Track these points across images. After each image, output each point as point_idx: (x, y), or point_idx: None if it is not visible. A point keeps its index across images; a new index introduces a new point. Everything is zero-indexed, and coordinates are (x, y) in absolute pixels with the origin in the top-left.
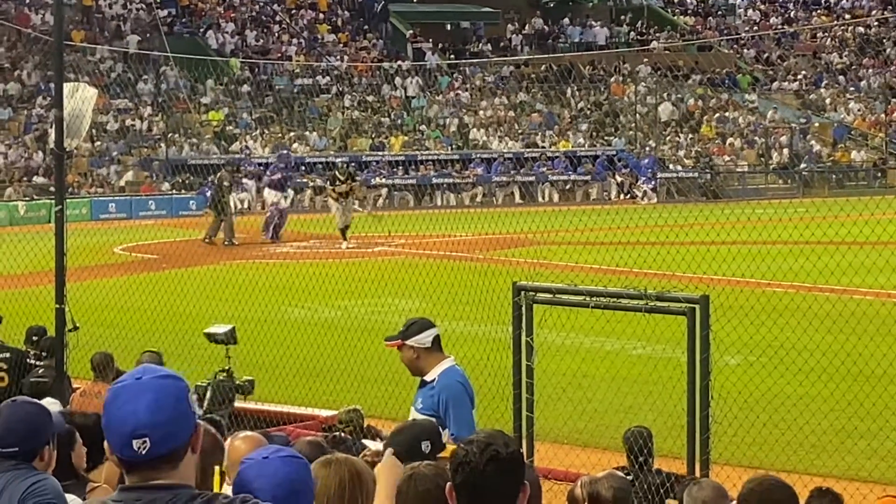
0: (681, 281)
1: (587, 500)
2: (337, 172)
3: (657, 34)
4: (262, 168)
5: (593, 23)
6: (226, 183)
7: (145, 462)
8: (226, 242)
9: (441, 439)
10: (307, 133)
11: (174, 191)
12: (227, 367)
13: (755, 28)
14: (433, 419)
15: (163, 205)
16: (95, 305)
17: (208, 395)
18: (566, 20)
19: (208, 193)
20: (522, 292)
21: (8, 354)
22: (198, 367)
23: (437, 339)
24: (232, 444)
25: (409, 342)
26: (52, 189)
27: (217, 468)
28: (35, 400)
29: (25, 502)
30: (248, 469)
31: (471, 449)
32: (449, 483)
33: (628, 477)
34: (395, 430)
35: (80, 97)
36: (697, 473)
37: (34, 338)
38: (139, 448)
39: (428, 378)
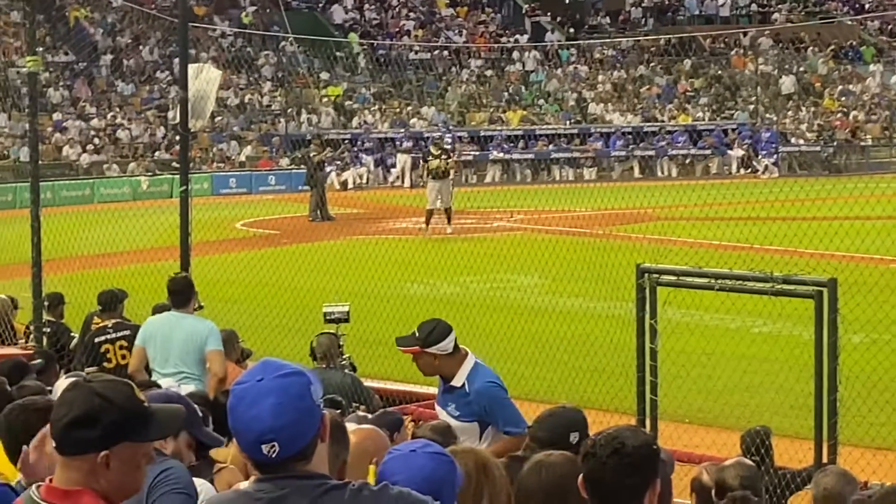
0: (802, 257)
1: (714, 488)
2: (432, 147)
3: (779, 6)
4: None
5: None
6: (312, 154)
7: (277, 463)
8: (310, 218)
9: (588, 431)
10: (425, 108)
11: (293, 166)
12: (347, 355)
13: None
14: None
15: (282, 180)
16: (217, 281)
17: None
18: None
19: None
20: (646, 274)
21: (129, 332)
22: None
23: (456, 341)
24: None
25: (430, 350)
26: (174, 164)
27: (372, 468)
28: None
29: (154, 490)
30: (393, 462)
31: (598, 440)
32: (581, 475)
33: None
34: (543, 415)
35: (205, 78)
36: (825, 458)
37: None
38: (269, 452)
39: (456, 383)
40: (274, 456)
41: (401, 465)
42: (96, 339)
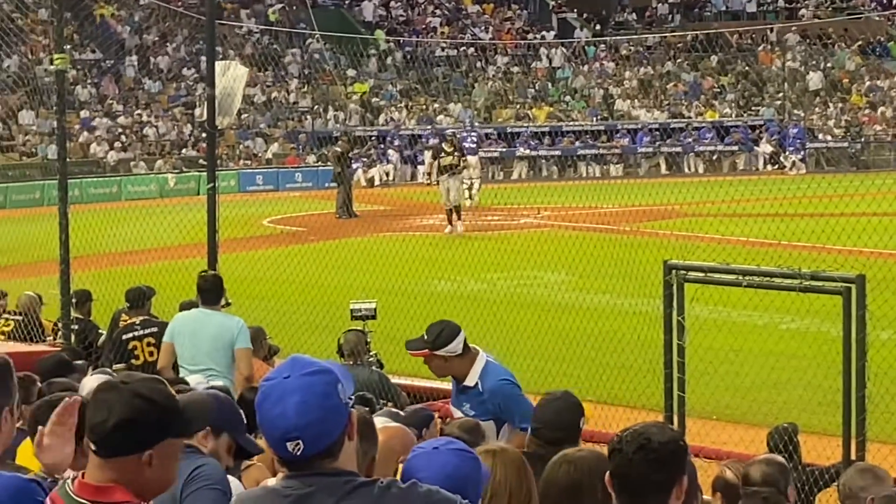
0: (830, 253)
1: (741, 483)
2: (444, 144)
3: (806, 2)
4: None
5: None
6: (337, 149)
7: (303, 461)
8: (337, 215)
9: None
10: (452, 104)
11: (320, 163)
12: (374, 352)
13: None
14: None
15: (309, 177)
16: (245, 278)
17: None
18: None
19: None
20: (674, 271)
21: (156, 329)
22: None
23: (465, 341)
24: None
25: (440, 352)
26: (201, 162)
27: (401, 466)
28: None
29: (189, 486)
30: (416, 459)
31: (624, 436)
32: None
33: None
34: (541, 402)
35: (232, 75)
36: (853, 455)
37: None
38: (293, 449)
39: (469, 383)
40: (298, 453)
41: (424, 462)
42: (124, 336)
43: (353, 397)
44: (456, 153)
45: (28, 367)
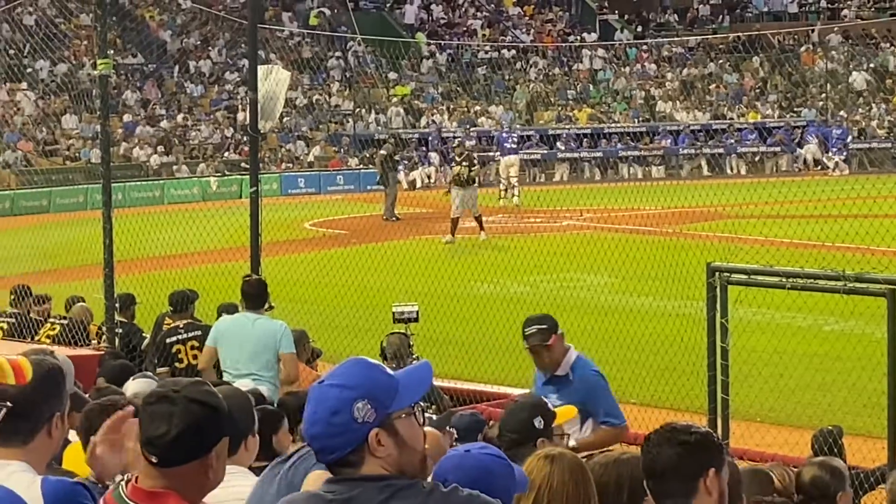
0: (874, 255)
1: (794, 486)
2: (455, 153)
3: (848, 2)
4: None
5: None
6: (383, 152)
7: (333, 465)
8: (384, 217)
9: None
10: (493, 107)
11: (362, 166)
12: (416, 355)
13: None
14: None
15: (351, 180)
16: (287, 281)
17: None
18: None
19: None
20: (717, 273)
21: (200, 333)
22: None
23: None
24: None
25: (556, 336)
26: (243, 165)
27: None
28: (238, 388)
29: (303, 461)
30: (446, 461)
31: (651, 436)
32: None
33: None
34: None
35: (274, 79)
36: None
37: (224, 315)
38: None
39: (560, 373)
40: (320, 458)
41: (454, 463)
42: (168, 340)
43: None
44: (465, 163)
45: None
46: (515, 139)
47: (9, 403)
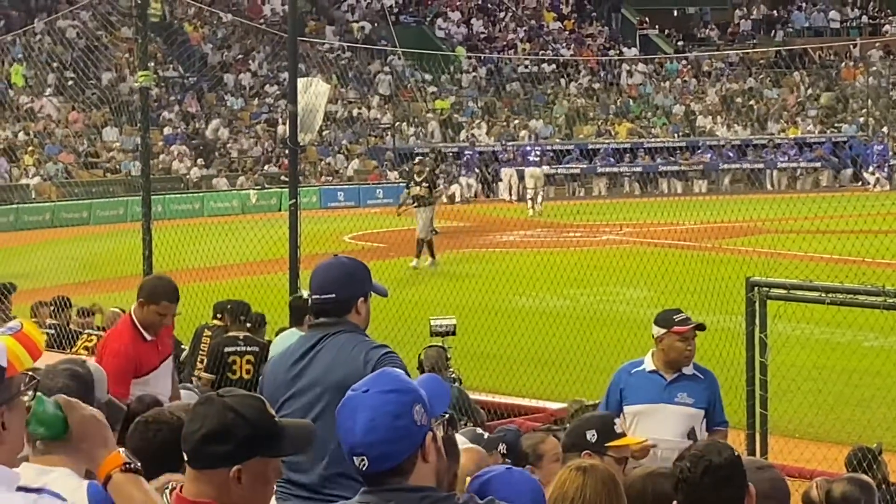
0: None
1: (824, 500)
2: (414, 172)
3: (890, 17)
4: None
5: (823, 6)
6: (417, 168)
7: (373, 476)
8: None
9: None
10: (533, 121)
11: (401, 179)
12: (453, 369)
13: None
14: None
15: (390, 193)
16: None
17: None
18: (795, 5)
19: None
20: (756, 287)
21: (257, 349)
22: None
23: None
24: None
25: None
26: (283, 178)
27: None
28: (352, 257)
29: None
30: (495, 478)
31: (684, 465)
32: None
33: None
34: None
35: (314, 92)
36: None
37: (247, 325)
38: (359, 464)
39: (687, 371)
40: (364, 469)
41: (504, 480)
42: (226, 349)
43: (446, 413)
44: (424, 183)
45: None
46: (539, 152)
47: (37, 381)
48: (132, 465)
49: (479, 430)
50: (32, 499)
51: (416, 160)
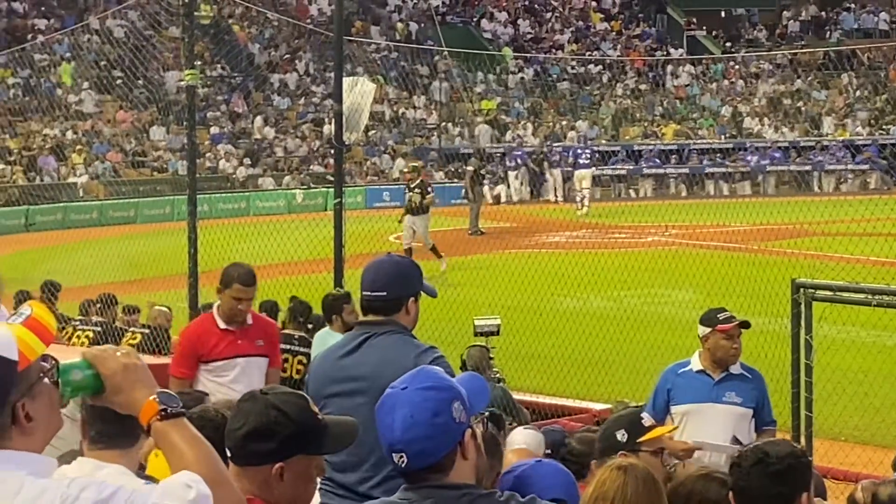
0: None
1: (869, 503)
2: (408, 179)
3: None
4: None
5: (873, 8)
6: (470, 168)
7: (412, 473)
8: (469, 232)
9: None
10: (579, 122)
11: (447, 180)
12: (496, 369)
13: None
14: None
15: (435, 193)
16: None
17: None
18: (843, 6)
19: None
20: (801, 289)
21: (310, 351)
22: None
23: None
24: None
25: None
26: (328, 177)
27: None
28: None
29: (429, 362)
30: (528, 471)
31: (744, 452)
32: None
33: None
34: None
35: (360, 91)
36: None
37: (309, 326)
38: (398, 461)
39: (734, 370)
40: (403, 466)
41: (540, 472)
42: (281, 346)
43: (486, 412)
44: (417, 190)
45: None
46: (589, 154)
47: (56, 360)
48: (169, 410)
49: (531, 430)
50: (66, 483)
51: (409, 167)
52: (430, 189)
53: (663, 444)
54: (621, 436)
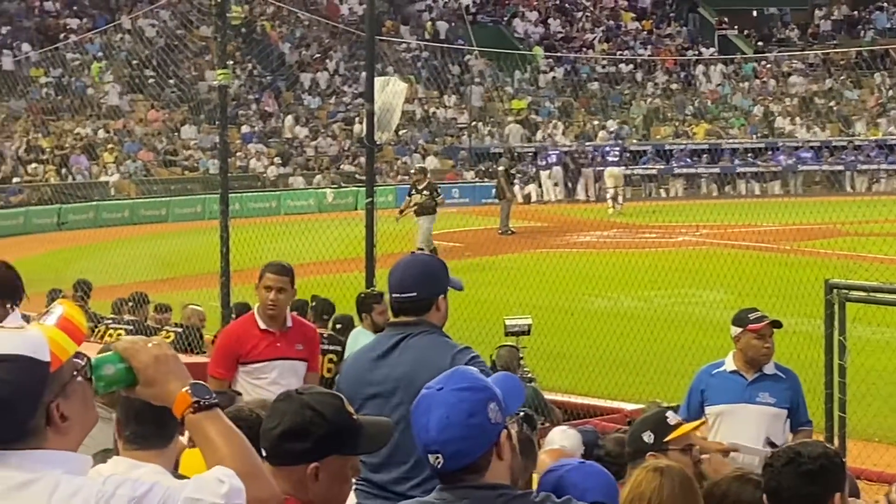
0: None
1: None
2: (415, 180)
3: None
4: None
5: None
6: (501, 168)
7: (448, 474)
8: (500, 231)
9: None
10: (610, 121)
11: (477, 179)
12: (527, 369)
13: None
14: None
15: (466, 193)
16: None
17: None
18: (876, 5)
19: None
20: (835, 290)
21: (340, 349)
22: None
23: None
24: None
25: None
26: (359, 177)
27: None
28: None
29: (465, 362)
30: (572, 472)
31: (777, 451)
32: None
33: None
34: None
35: (391, 91)
36: None
37: (337, 326)
38: (434, 462)
39: (768, 371)
40: (439, 466)
41: (581, 474)
42: None
43: (520, 412)
44: (426, 192)
45: None
46: (618, 152)
47: (88, 357)
48: (202, 402)
49: (571, 430)
50: (101, 481)
51: (416, 168)
52: (437, 190)
53: (691, 440)
54: (648, 437)
